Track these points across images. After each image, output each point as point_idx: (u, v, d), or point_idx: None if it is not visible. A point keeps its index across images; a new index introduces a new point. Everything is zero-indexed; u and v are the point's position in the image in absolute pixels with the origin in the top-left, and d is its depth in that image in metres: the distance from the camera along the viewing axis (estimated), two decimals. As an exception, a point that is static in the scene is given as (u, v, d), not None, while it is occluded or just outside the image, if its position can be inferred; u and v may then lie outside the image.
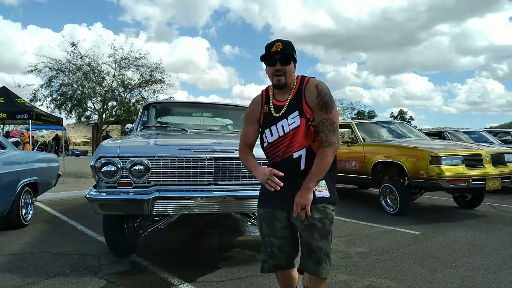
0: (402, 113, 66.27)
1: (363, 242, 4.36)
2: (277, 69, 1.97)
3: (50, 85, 14.70)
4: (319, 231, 1.94)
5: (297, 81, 2.05)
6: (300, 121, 1.95)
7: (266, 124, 2.06)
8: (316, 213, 1.94)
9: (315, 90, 1.96)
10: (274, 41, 1.99)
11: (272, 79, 2.00)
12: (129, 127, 4.94)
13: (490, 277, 3.24)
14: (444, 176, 5.29)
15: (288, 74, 1.98)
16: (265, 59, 2.03)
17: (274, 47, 1.96)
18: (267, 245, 2.07)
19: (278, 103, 2.04)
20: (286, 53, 1.96)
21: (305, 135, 1.95)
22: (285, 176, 1.93)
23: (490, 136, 9.82)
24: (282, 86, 2.00)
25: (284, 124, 1.98)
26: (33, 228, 4.93)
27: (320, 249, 1.93)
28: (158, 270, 3.36)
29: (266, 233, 2.06)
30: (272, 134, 2.02)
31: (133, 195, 2.99)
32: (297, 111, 1.96)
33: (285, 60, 1.97)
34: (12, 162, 4.96)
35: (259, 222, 2.13)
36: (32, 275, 3.22)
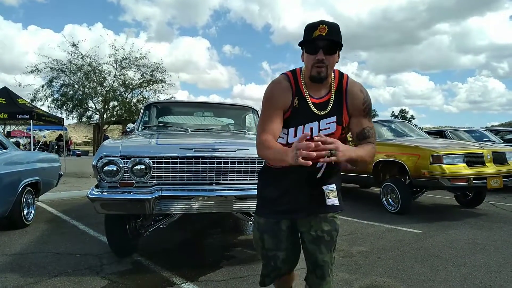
0: (403, 112, 66.32)
1: (365, 241, 4.36)
2: (319, 59, 1.60)
3: (51, 85, 14.73)
4: (327, 245, 1.77)
5: (336, 76, 1.73)
6: (336, 129, 1.68)
7: (293, 121, 1.71)
8: (325, 225, 1.76)
9: (361, 95, 1.72)
10: (318, 22, 1.60)
11: (311, 70, 1.64)
12: (131, 127, 4.94)
13: (492, 275, 3.24)
14: (446, 175, 5.28)
15: (331, 66, 1.64)
16: (305, 45, 1.66)
17: (318, 31, 1.57)
18: (270, 259, 1.82)
19: (314, 100, 1.69)
20: (332, 40, 1.59)
21: None
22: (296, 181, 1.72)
23: (491, 135, 9.81)
24: (322, 80, 1.65)
25: (314, 126, 1.68)
26: (35, 228, 4.94)
27: (326, 264, 1.78)
28: (160, 270, 3.36)
29: (269, 246, 1.80)
30: (296, 135, 1.70)
31: (134, 194, 2.99)
32: (335, 117, 1.68)
33: (330, 49, 1.61)
34: (14, 162, 4.97)
35: (258, 233, 1.83)
36: (34, 275, 3.23)
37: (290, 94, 1.70)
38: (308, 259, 1.82)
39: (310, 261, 1.81)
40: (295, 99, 1.70)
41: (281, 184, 1.76)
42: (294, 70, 1.77)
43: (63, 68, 14.36)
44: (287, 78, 1.74)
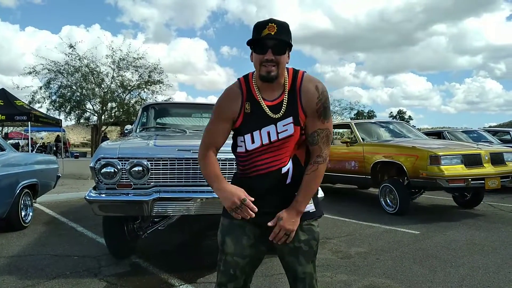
0: (401, 113, 66.45)
1: (363, 242, 4.36)
2: (268, 59, 1.53)
3: (49, 87, 14.68)
4: (306, 255, 1.65)
5: (289, 75, 1.63)
6: (294, 130, 1.58)
7: (246, 128, 1.61)
8: (301, 234, 1.64)
9: (316, 93, 1.59)
10: (267, 20, 1.53)
11: (260, 69, 1.56)
12: (128, 128, 4.94)
13: (490, 276, 3.24)
14: (444, 175, 5.29)
15: (281, 66, 1.56)
16: (253, 44, 1.58)
17: (267, 30, 1.51)
18: (229, 266, 1.65)
19: (267, 103, 1.60)
20: (281, 39, 1.53)
21: (296, 146, 1.61)
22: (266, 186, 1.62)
23: (489, 136, 9.83)
24: (272, 79, 1.56)
25: (271, 130, 1.58)
26: (33, 230, 4.93)
27: (307, 276, 1.66)
28: (158, 271, 3.36)
29: (230, 251, 1.65)
30: (254, 141, 1.60)
31: (132, 196, 2.99)
32: (291, 117, 1.58)
33: (279, 49, 1.54)
34: (12, 164, 4.96)
35: (221, 236, 1.71)
36: (32, 277, 3.22)
37: (240, 100, 1.63)
38: (288, 272, 1.70)
39: (290, 274, 1.69)
40: (245, 105, 1.62)
41: (253, 188, 1.62)
42: (247, 74, 1.69)
43: (60, 69, 14.33)
44: (239, 84, 1.66)
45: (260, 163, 1.61)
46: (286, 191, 1.63)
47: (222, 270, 1.68)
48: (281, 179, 1.61)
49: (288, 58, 1.61)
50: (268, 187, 1.62)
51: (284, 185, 1.62)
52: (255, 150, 1.61)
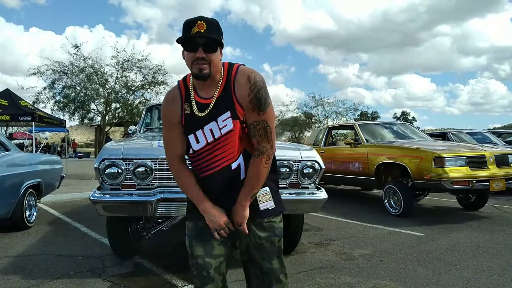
0: (405, 114, 66.28)
1: (367, 244, 4.35)
2: (199, 57, 1.50)
3: (53, 87, 14.76)
4: (269, 252, 1.66)
5: (224, 70, 1.60)
6: (233, 124, 1.56)
7: (190, 128, 1.60)
8: (261, 232, 1.65)
9: (247, 84, 1.55)
10: (196, 18, 1.51)
11: (192, 68, 1.53)
12: (132, 129, 4.95)
13: (495, 278, 3.22)
14: (448, 177, 5.27)
15: (214, 63, 1.53)
16: (183, 43, 1.55)
17: (196, 27, 1.49)
18: (201, 268, 1.63)
19: (202, 101, 1.59)
20: (211, 38, 1.50)
21: (240, 139, 1.58)
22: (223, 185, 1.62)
23: (493, 137, 9.79)
24: (205, 77, 1.53)
25: (213, 127, 1.57)
26: (37, 230, 4.94)
27: (272, 271, 1.67)
28: (162, 272, 3.36)
29: (199, 253, 1.64)
30: (198, 140, 1.59)
31: (136, 197, 2.99)
32: (229, 112, 1.56)
33: (210, 46, 1.51)
34: (16, 164, 4.98)
35: (188, 240, 1.71)
36: (36, 277, 3.23)
37: (179, 103, 1.63)
38: (255, 267, 1.71)
39: (257, 268, 1.70)
40: (185, 106, 1.61)
41: (207, 188, 1.64)
42: (185, 75, 1.68)
43: (65, 70, 14.40)
44: (178, 86, 1.67)
45: (209, 162, 1.61)
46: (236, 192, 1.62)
47: (195, 275, 1.66)
48: (234, 176, 1.61)
49: (221, 55, 1.60)
50: (222, 185, 1.62)
51: (239, 181, 1.61)
52: (201, 149, 1.61)
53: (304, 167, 3.33)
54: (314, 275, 3.31)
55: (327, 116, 31.51)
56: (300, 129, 34.08)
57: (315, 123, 31.96)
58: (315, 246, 4.25)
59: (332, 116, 31.41)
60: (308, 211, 3.62)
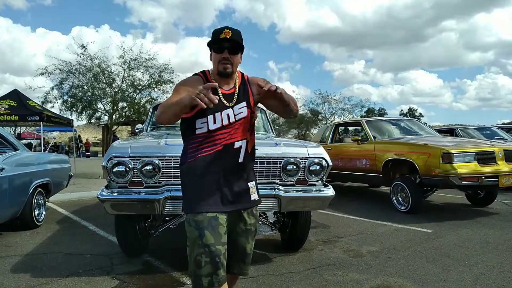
0: (412, 110, 65.79)
1: (375, 241, 4.33)
2: (225, 57, 1.87)
3: (61, 87, 14.83)
4: (252, 236, 2.01)
5: (239, 75, 2.00)
6: (247, 112, 1.91)
7: (210, 110, 1.80)
8: (251, 218, 1.97)
9: (260, 78, 2.03)
10: (223, 27, 1.88)
11: (218, 66, 1.89)
12: (139, 127, 4.96)
13: (505, 275, 3.19)
14: (456, 173, 5.23)
15: (235, 64, 1.91)
16: (212, 45, 1.91)
17: (223, 34, 1.85)
18: (214, 255, 1.74)
19: (224, 91, 1.91)
20: (236, 41, 1.86)
21: (248, 127, 1.93)
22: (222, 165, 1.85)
23: (502, 133, 9.69)
24: (228, 74, 1.90)
25: (229, 113, 1.87)
26: (46, 229, 4.99)
27: (251, 252, 2.01)
28: (170, 270, 3.38)
29: (211, 242, 1.75)
30: (216, 121, 1.85)
31: (144, 195, 3.01)
32: (245, 102, 1.92)
33: (234, 49, 1.88)
34: (25, 163, 5.02)
35: (198, 231, 1.78)
36: (46, 275, 3.26)
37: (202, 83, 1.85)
38: (237, 250, 1.96)
39: (239, 251, 1.97)
40: None
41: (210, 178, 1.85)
42: (203, 70, 2.01)
43: (72, 69, 14.46)
44: (199, 76, 1.98)
45: (219, 140, 1.85)
46: (239, 172, 1.91)
47: (207, 261, 1.74)
48: (234, 154, 1.88)
49: (241, 60, 1.96)
50: (224, 163, 1.86)
51: (237, 163, 1.89)
52: (215, 130, 1.85)
53: (311, 164, 3.32)
54: (322, 272, 3.31)
55: (333, 113, 31.40)
56: (306, 127, 33.98)
57: (321, 120, 31.85)
58: (322, 243, 4.24)
59: (339, 113, 31.29)
60: (316, 208, 3.61)
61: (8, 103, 10.66)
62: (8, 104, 10.60)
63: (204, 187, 1.85)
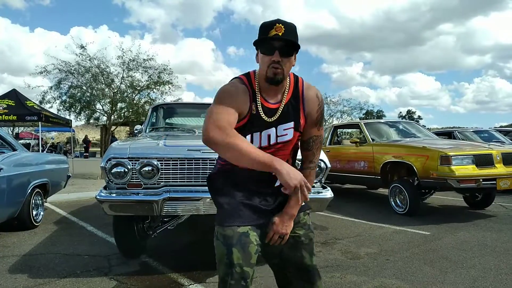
0: (410, 112, 65.98)
1: (373, 243, 4.33)
2: (276, 60, 1.48)
3: (59, 87, 14.83)
4: (307, 248, 1.66)
5: (291, 80, 1.61)
6: (293, 135, 1.58)
7: (249, 128, 1.57)
8: (299, 230, 1.65)
9: (317, 100, 1.61)
10: (274, 21, 1.47)
11: (267, 71, 1.51)
12: (138, 128, 4.97)
13: (502, 278, 3.20)
14: (454, 176, 5.24)
15: (287, 69, 1.52)
16: (259, 45, 1.53)
17: (274, 30, 1.46)
18: (240, 277, 1.50)
19: (269, 105, 1.58)
20: (289, 40, 1.48)
21: (291, 150, 1.62)
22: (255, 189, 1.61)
23: (500, 136, 9.72)
24: (278, 81, 1.52)
25: (271, 133, 1.57)
26: (44, 229, 4.98)
27: (312, 268, 1.66)
28: (168, 271, 3.37)
29: (239, 262, 1.50)
30: (253, 140, 1.58)
31: (143, 196, 3.01)
32: (293, 122, 1.57)
33: (287, 50, 1.49)
34: (23, 163, 5.01)
35: (225, 248, 1.54)
36: (44, 276, 3.25)
37: (248, 98, 1.56)
38: (291, 268, 1.67)
39: (295, 269, 1.66)
40: (252, 106, 1.56)
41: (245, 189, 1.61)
42: (247, 73, 1.63)
43: (71, 70, 14.46)
44: (243, 82, 1.59)
45: None
46: (277, 193, 1.61)
47: (232, 284, 1.51)
48: (270, 179, 1.56)
49: (295, 60, 1.57)
50: (258, 179, 1.58)
51: (273, 187, 1.62)
52: None
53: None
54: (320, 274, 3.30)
55: (332, 115, 31.45)
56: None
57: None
58: (320, 245, 4.24)
59: (337, 115, 31.35)
60: (314, 210, 3.61)
61: (6, 102, 10.66)
62: (6, 104, 10.60)
63: (237, 198, 1.61)
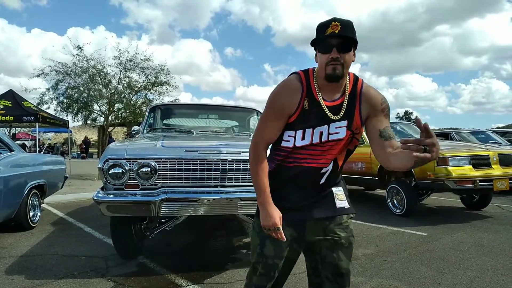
0: (407, 113, 66.14)
1: (370, 244, 4.34)
2: (334, 57, 1.51)
3: (56, 88, 14.79)
4: (346, 252, 1.66)
5: (350, 79, 1.64)
6: (345, 134, 1.59)
7: (301, 123, 1.60)
8: (340, 230, 1.66)
9: (379, 96, 1.64)
10: (330, 20, 1.52)
11: (325, 68, 1.53)
12: (136, 129, 4.96)
13: (499, 278, 3.21)
14: (451, 177, 5.26)
15: (347, 64, 1.54)
16: (317, 44, 1.57)
17: (330, 28, 1.50)
18: (270, 268, 1.67)
19: (325, 103, 1.59)
20: (346, 36, 1.50)
21: (342, 148, 1.63)
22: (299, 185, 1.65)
23: (497, 137, 9.75)
24: (338, 77, 1.54)
25: (323, 130, 1.58)
26: (41, 230, 4.96)
27: (347, 272, 1.66)
28: (165, 272, 3.37)
29: (271, 254, 1.65)
30: (305, 137, 1.60)
31: (140, 197, 3.00)
32: (346, 121, 1.59)
33: (344, 46, 1.52)
34: (20, 164, 4.99)
35: (259, 239, 1.69)
36: (41, 277, 3.24)
37: (299, 95, 1.59)
38: (326, 269, 1.67)
39: (329, 270, 1.66)
40: (304, 101, 1.59)
41: (286, 185, 1.66)
42: (306, 69, 1.66)
43: (68, 71, 14.42)
44: (299, 77, 1.62)
45: (303, 160, 1.61)
46: (319, 189, 1.66)
47: (262, 273, 1.68)
48: (317, 178, 1.63)
49: (354, 57, 1.59)
50: (303, 182, 1.64)
51: (318, 184, 1.65)
52: (302, 147, 1.60)
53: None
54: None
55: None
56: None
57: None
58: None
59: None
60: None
61: (3, 103, 10.64)
62: (3, 105, 10.57)
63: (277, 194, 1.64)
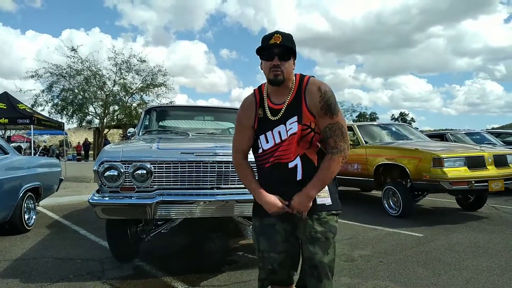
0: (403, 115, 66.32)
1: (366, 245, 4.35)
2: (275, 65, 1.74)
3: (51, 90, 14.71)
4: (321, 246, 1.78)
5: (296, 80, 1.83)
6: (297, 128, 1.76)
7: (261, 130, 1.84)
8: (318, 226, 1.79)
9: (318, 92, 1.78)
10: (273, 32, 1.76)
11: (268, 75, 1.77)
12: (131, 131, 4.95)
13: (494, 279, 3.23)
14: (447, 178, 5.28)
15: (287, 71, 1.77)
16: (261, 52, 1.80)
17: (273, 39, 1.74)
18: (267, 262, 1.85)
19: (274, 107, 1.82)
20: (286, 46, 1.74)
21: (298, 143, 1.77)
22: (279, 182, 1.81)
23: (492, 137, 9.81)
24: (279, 82, 1.76)
25: (281, 130, 1.79)
26: (36, 233, 4.93)
27: (322, 265, 1.77)
28: (161, 274, 3.36)
29: (265, 248, 1.85)
30: (268, 141, 1.82)
31: (136, 199, 2.99)
32: (296, 116, 1.77)
33: (284, 55, 1.76)
34: (15, 167, 4.97)
35: (255, 236, 1.91)
36: (35, 280, 3.22)
37: (254, 108, 1.88)
38: (305, 262, 1.83)
39: (307, 263, 1.82)
40: (259, 111, 1.86)
41: (269, 184, 1.83)
42: (260, 85, 1.93)
43: (62, 73, 14.34)
44: (253, 93, 1.92)
45: (272, 159, 1.81)
46: (296, 185, 1.78)
47: (261, 266, 1.90)
48: (290, 173, 1.79)
49: (294, 65, 1.83)
50: (278, 179, 1.81)
51: (296, 181, 1.78)
52: (270, 149, 1.82)
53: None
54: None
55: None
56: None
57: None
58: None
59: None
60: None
61: (-2, 106, 10.58)
62: (-2, 107, 10.52)
63: None
